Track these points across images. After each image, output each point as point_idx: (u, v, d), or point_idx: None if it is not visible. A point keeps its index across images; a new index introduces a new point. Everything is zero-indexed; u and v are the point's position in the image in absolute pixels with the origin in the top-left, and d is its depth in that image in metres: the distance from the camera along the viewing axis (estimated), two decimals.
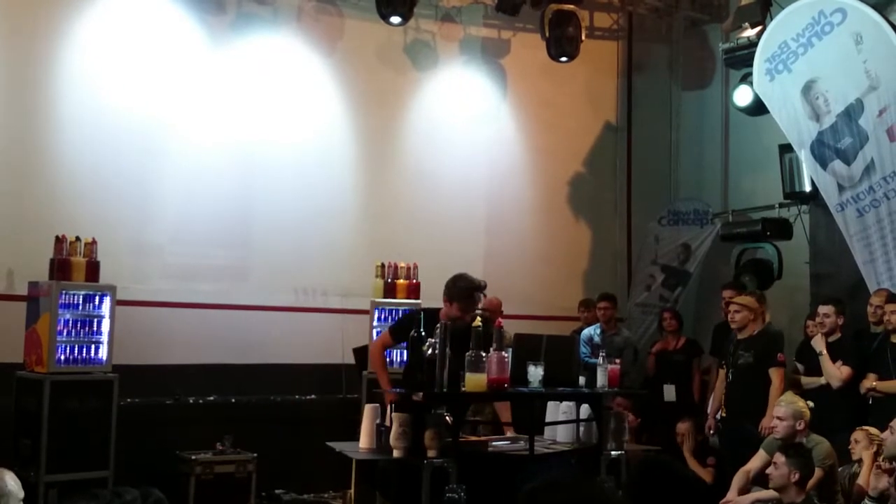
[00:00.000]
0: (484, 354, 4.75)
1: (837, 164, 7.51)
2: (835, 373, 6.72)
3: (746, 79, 8.57)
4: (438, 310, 5.59)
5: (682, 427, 7.57)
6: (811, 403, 5.79)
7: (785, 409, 5.67)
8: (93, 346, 7.14)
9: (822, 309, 6.96)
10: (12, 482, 2.83)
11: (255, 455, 7.65)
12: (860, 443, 5.64)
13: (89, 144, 7.85)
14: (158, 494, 2.66)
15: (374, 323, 8.29)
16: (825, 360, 6.78)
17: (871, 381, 6.59)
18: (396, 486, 5.00)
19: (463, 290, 5.57)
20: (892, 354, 6.56)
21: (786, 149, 8.47)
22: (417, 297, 8.40)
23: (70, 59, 7.85)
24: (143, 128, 8.11)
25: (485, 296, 5.81)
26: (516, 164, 10.10)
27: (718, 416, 7.27)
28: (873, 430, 5.65)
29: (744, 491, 5.60)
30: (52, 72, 7.77)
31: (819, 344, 6.86)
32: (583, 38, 9.41)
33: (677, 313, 8.90)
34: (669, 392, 8.37)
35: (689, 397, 8.43)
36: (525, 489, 2.35)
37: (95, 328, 7.16)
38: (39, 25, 7.75)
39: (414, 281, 8.48)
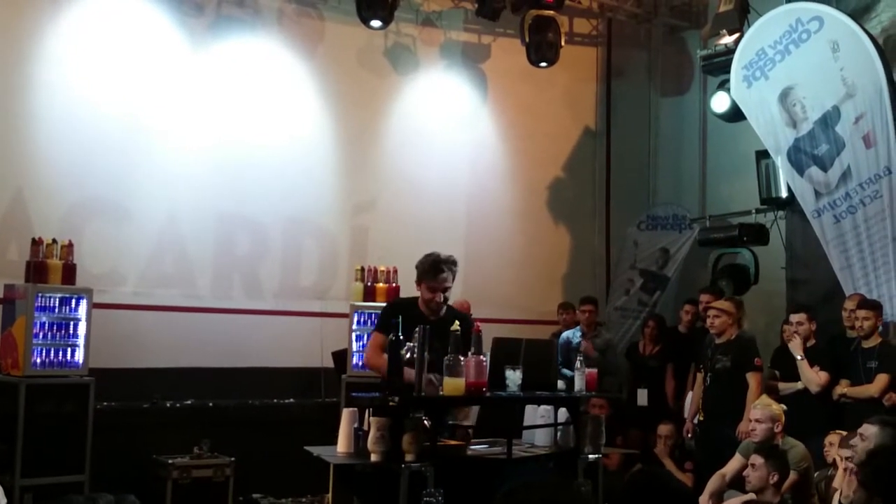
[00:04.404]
0: (462, 358, 4.74)
1: (814, 171, 7.58)
2: (813, 378, 6.76)
3: (724, 85, 8.64)
4: (414, 299, 5.39)
5: (664, 429, 7.61)
6: (784, 407, 5.84)
7: (762, 412, 5.71)
8: (69, 350, 7.08)
9: (795, 317, 7.00)
10: None
11: (233, 459, 7.61)
12: (835, 445, 5.69)
13: (66, 146, 7.78)
14: (134, 500, 2.65)
15: (354, 326, 8.28)
16: (804, 365, 6.81)
17: (842, 388, 6.66)
18: (374, 491, 4.98)
19: (425, 263, 5.26)
20: (863, 359, 6.62)
21: (763, 155, 8.53)
22: None
23: (48, 61, 7.78)
24: (121, 130, 8.05)
25: (453, 273, 5.30)
26: (496, 168, 10.12)
27: (696, 420, 7.31)
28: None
29: (718, 493, 5.63)
30: (30, 73, 7.70)
31: (797, 349, 6.90)
32: (562, 43, 9.45)
33: (662, 321, 8.90)
34: (642, 396, 8.40)
35: (663, 402, 8.46)
36: (502, 490, 2.36)
37: (72, 331, 7.09)
38: (16, 27, 7.67)
39: (393, 284, 8.46)
